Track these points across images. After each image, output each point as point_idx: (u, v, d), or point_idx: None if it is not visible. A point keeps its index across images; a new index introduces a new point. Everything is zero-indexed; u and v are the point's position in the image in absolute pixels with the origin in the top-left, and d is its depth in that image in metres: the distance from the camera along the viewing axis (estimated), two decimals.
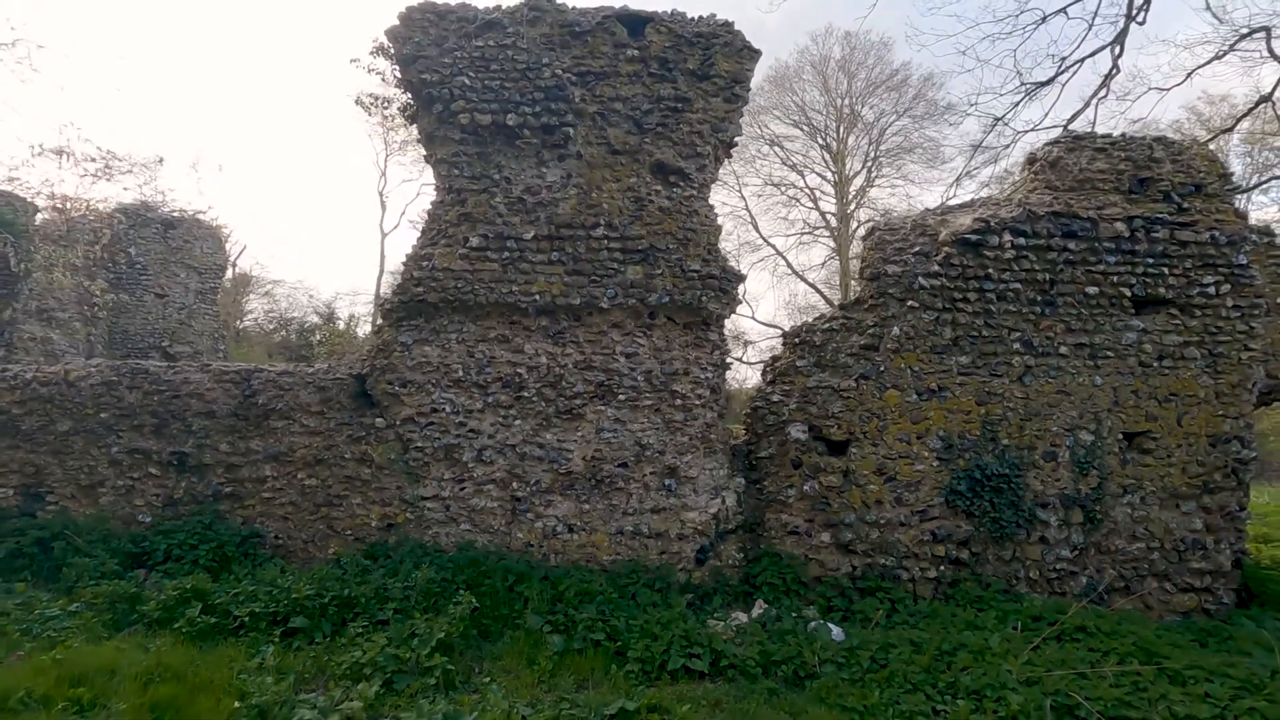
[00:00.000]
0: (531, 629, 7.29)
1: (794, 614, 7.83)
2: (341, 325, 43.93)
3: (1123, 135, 9.06)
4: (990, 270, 8.48)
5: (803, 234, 42.67)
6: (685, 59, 8.58)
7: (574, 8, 8.63)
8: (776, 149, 41.45)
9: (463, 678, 6.54)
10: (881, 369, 8.49)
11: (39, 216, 19.23)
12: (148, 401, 8.32)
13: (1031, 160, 9.28)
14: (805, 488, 8.46)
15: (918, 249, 8.63)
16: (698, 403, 8.53)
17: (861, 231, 39.92)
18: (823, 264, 42.19)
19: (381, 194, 41.63)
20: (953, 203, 9.57)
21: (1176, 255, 8.61)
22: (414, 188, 64.21)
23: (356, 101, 16.92)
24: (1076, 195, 8.78)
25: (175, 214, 19.54)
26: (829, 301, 39.25)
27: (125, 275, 19.11)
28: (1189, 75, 19.71)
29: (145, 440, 8.36)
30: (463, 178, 8.41)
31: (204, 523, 8.20)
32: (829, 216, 41.61)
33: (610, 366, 8.42)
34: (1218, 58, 17.52)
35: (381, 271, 43.54)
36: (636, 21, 8.63)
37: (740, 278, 8.58)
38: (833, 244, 41.16)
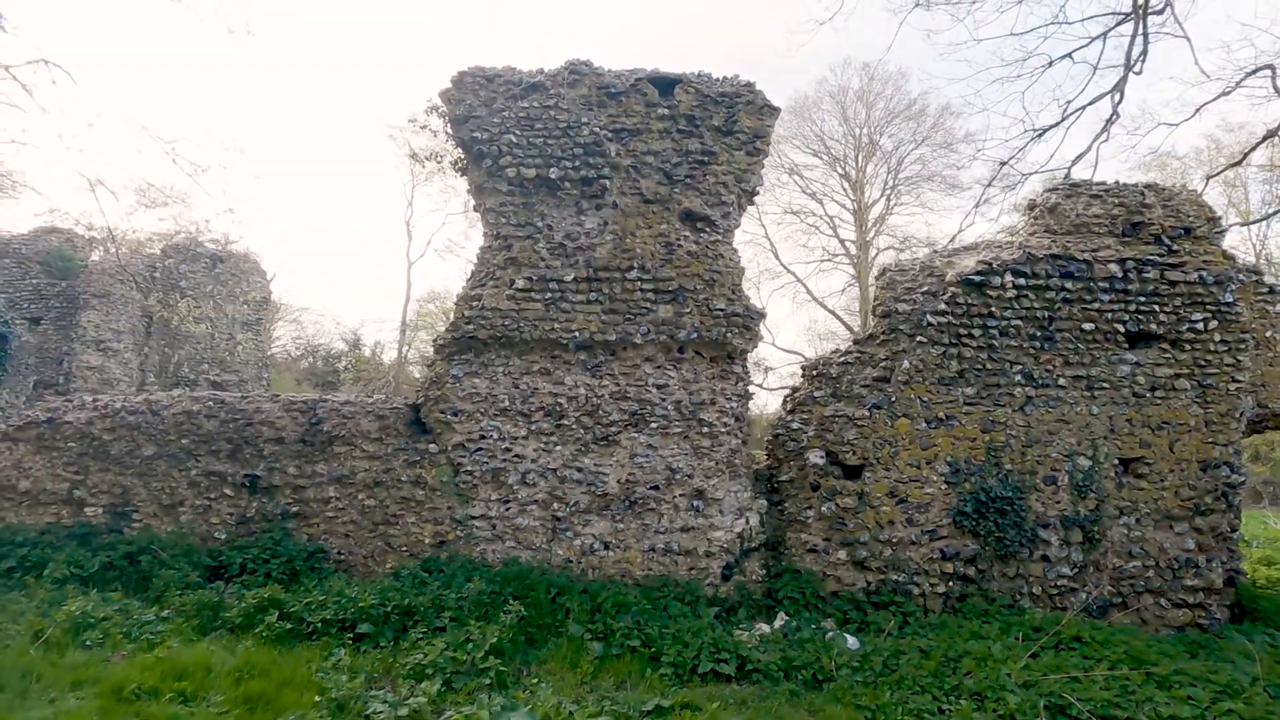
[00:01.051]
0: (573, 636, 8.03)
1: (813, 625, 8.53)
2: (367, 352, 44.86)
3: (1116, 182, 9.79)
4: (993, 308, 9.21)
5: (822, 261, 43.18)
6: (711, 116, 9.42)
7: (610, 70, 9.51)
8: (796, 177, 42.09)
9: (513, 678, 7.27)
10: (893, 399, 9.22)
11: (95, 254, 20.37)
12: (223, 429, 9.19)
13: (1031, 206, 10.03)
14: (823, 509, 9.17)
15: (926, 288, 9.38)
16: (723, 430, 9.29)
17: (881, 259, 40.56)
18: (842, 290, 42.64)
19: (408, 223, 42.84)
20: (958, 245, 10.31)
21: (1167, 294, 9.31)
22: (439, 218, 65.62)
23: (412, 156, 17.83)
24: (1073, 238, 9.51)
25: (222, 249, 20.59)
26: (849, 328, 39.69)
27: (175, 307, 20.12)
28: (1198, 110, 20.40)
29: (221, 464, 9.22)
30: (509, 225, 9.27)
31: (274, 539, 9.02)
32: (848, 244, 42.13)
33: (643, 397, 9.20)
34: (1224, 94, 18.21)
35: (408, 299, 44.32)
36: (666, 83, 9.49)
37: (761, 315, 9.36)
38: (852, 271, 41.58)
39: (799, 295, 44.46)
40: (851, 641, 8.09)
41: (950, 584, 9.04)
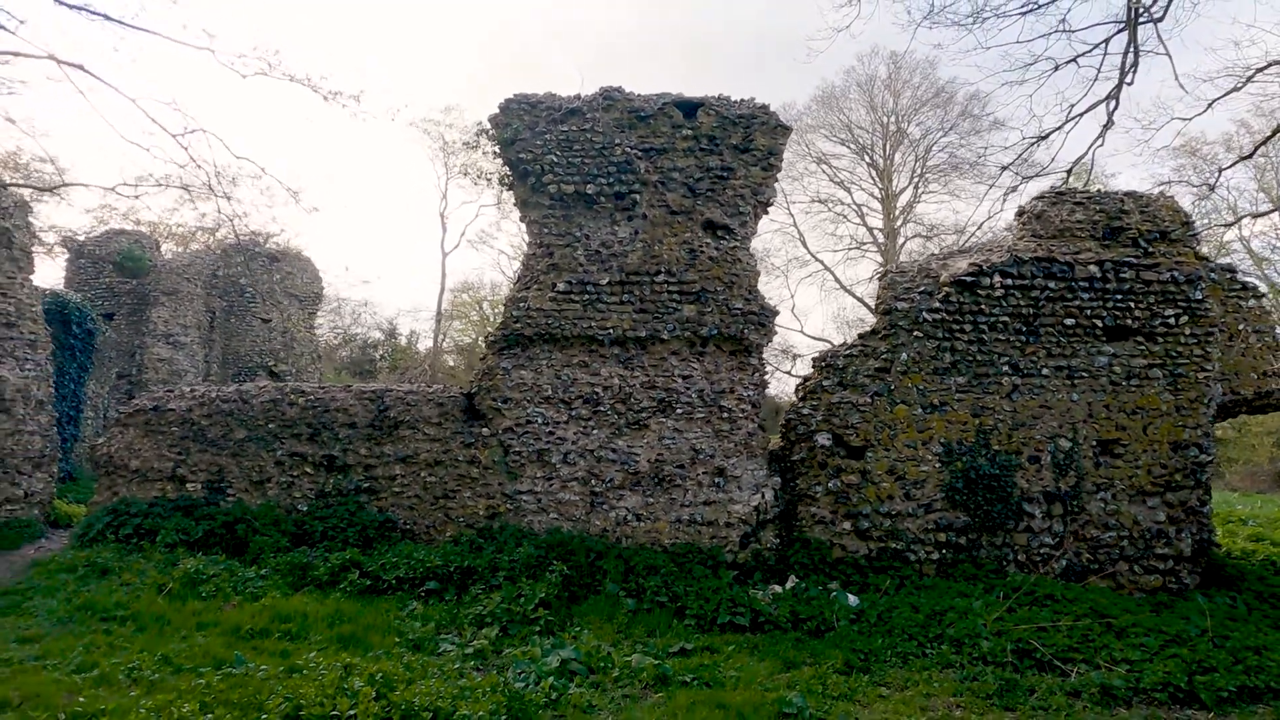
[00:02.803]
0: (610, 593, 9.30)
1: (820, 586, 9.71)
2: (403, 341, 46.24)
3: (1098, 191, 10.83)
4: (983, 306, 10.30)
5: (850, 249, 43.53)
6: (730, 136, 10.58)
7: (639, 95, 10.69)
8: (824, 166, 42.46)
9: (559, 627, 8.54)
10: (892, 388, 10.36)
11: (164, 248, 21.91)
12: (304, 415, 10.55)
13: (1021, 213, 11.09)
14: (830, 485, 10.35)
15: (923, 288, 10.49)
16: (741, 415, 10.49)
17: (910, 246, 41.05)
18: (870, 278, 42.96)
19: (442, 215, 43.95)
20: (953, 249, 11.38)
21: (1142, 292, 10.35)
22: (472, 209, 66.92)
23: (464, 173, 19.02)
24: (1057, 242, 10.58)
25: (279, 249, 22.07)
26: (876, 315, 40.18)
27: (236, 303, 21.65)
28: (1210, 105, 21.12)
29: (302, 446, 10.57)
30: (551, 235, 10.51)
31: (349, 511, 10.37)
32: (876, 232, 42.51)
33: (670, 386, 10.43)
34: (1235, 90, 18.98)
35: (443, 289, 45.25)
36: (690, 106, 10.66)
37: (775, 313, 10.53)
38: (880, 259, 41.91)
39: (827, 283, 45.05)
40: (852, 599, 9.27)
41: (943, 552, 10.18)
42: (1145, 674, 7.42)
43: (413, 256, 74.37)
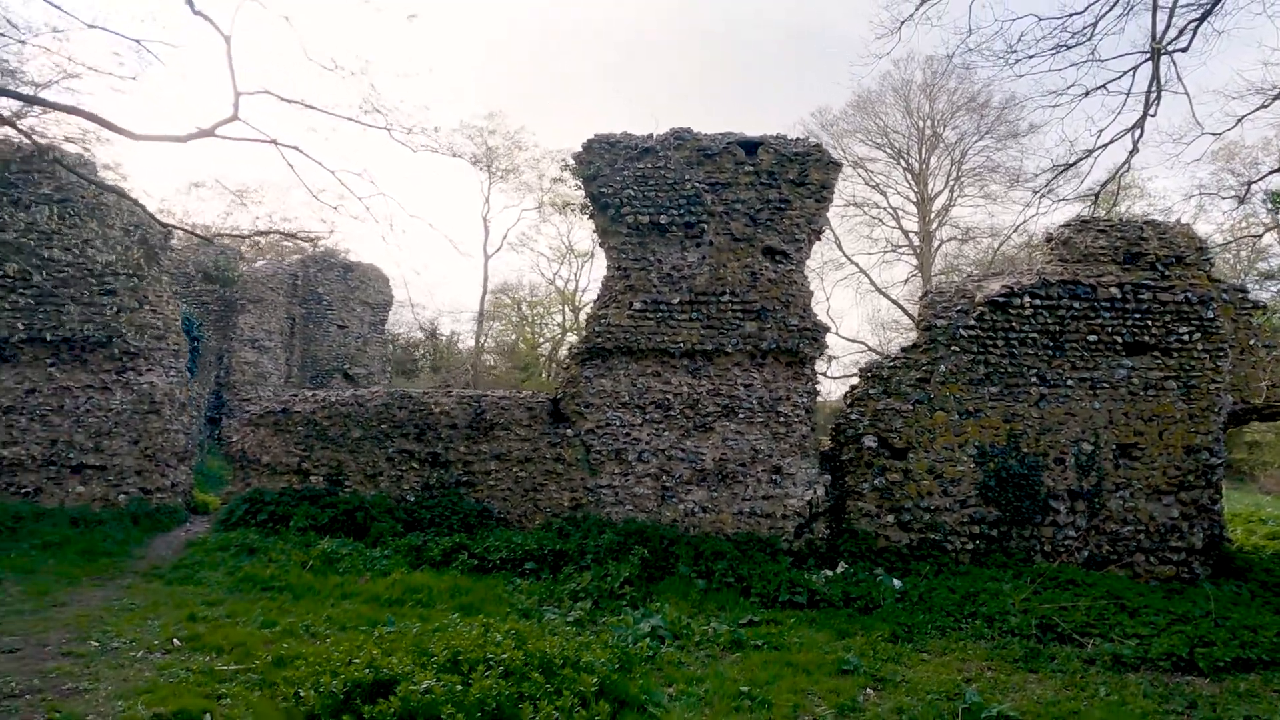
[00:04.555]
0: (683, 574, 10.68)
1: (866, 572, 11.02)
2: (444, 341, 47.69)
3: (1120, 219, 12.02)
4: (1014, 323, 11.55)
5: (886, 252, 43.99)
6: (787, 171, 11.92)
7: (706, 134, 12.06)
8: (860, 170, 42.98)
9: (642, 602, 9.93)
10: (932, 396, 11.64)
11: (244, 265, 23.64)
12: (412, 417, 12.04)
13: (1049, 239, 12.31)
14: (875, 482, 11.65)
15: (959, 307, 11.76)
16: (796, 420, 11.83)
17: (945, 249, 41.66)
18: (905, 281, 43.35)
19: (485, 219, 45.29)
20: (987, 272, 12.61)
21: (1158, 311, 11.54)
22: (514, 213, 68.57)
23: (551, 204, 20.32)
24: (1082, 266, 11.79)
25: (353, 260, 23.72)
26: (912, 318, 40.56)
27: (313, 310, 23.33)
28: (1239, 121, 22.05)
29: (410, 444, 12.08)
30: (628, 260, 11.92)
31: (451, 501, 11.85)
32: (911, 235, 43.05)
33: (733, 394, 11.79)
34: (1263, 106, 19.94)
35: (485, 290, 46.36)
36: (751, 144, 12.01)
37: (826, 329, 11.86)
38: (915, 262, 42.33)
39: (862, 286, 45.65)
40: (896, 582, 10.58)
41: (977, 542, 11.44)
42: (1153, 646, 8.65)
43: (451, 258, 76.21)
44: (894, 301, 42.26)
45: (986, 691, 7.33)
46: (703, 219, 11.83)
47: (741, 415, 11.82)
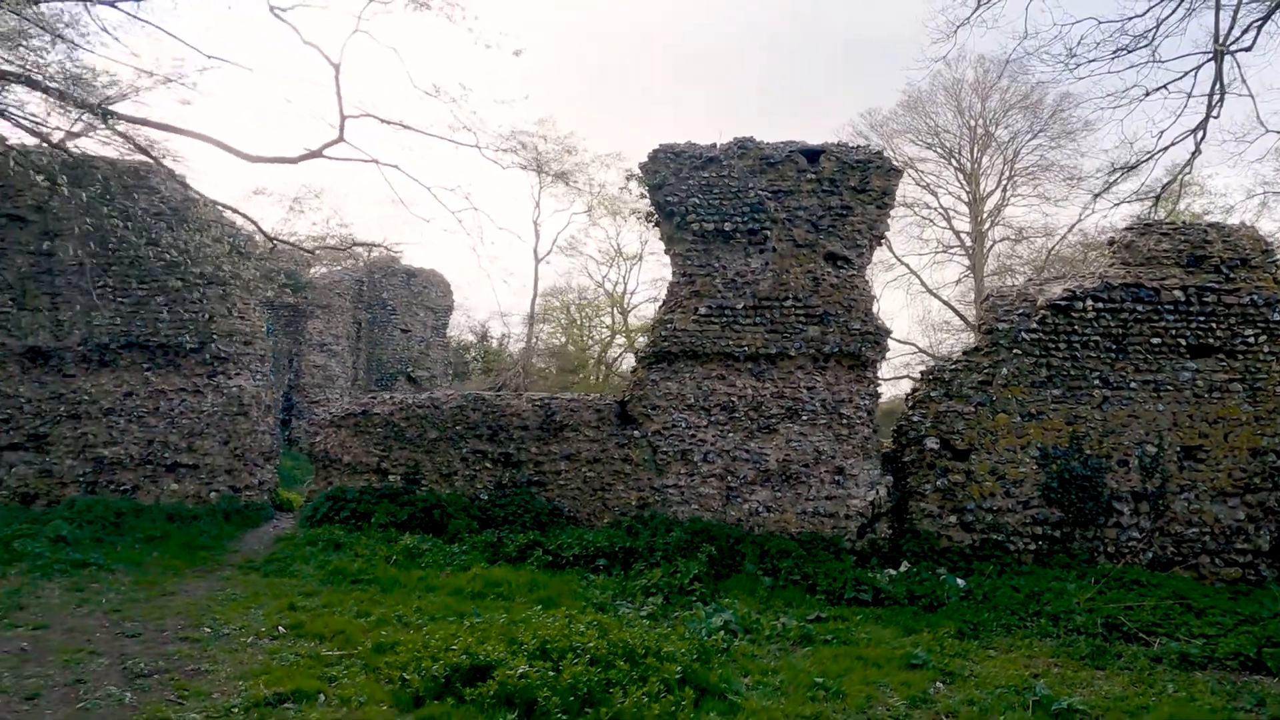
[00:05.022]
0: (749, 572, 11.00)
1: (929, 571, 11.24)
2: (495, 344, 48.38)
3: (1184, 222, 12.08)
4: (1076, 326, 11.67)
5: (937, 253, 43.52)
6: (848, 178, 12.18)
7: (768, 143, 12.36)
8: (910, 170, 42.40)
9: (710, 598, 10.26)
10: (994, 398, 11.81)
11: (313, 270, 24.44)
12: (485, 419, 12.53)
13: (1111, 242, 12.40)
14: (937, 483, 11.85)
15: (1021, 311, 11.91)
16: (858, 422, 12.08)
17: (998, 249, 41.14)
18: (957, 281, 42.79)
19: (535, 223, 45.86)
20: (1048, 276, 12.73)
21: (1223, 314, 11.58)
22: (564, 217, 69.22)
23: (602, 207, 20.78)
24: (1145, 269, 11.87)
25: (415, 266, 24.42)
26: (963, 319, 40.12)
27: (378, 315, 24.07)
28: None
29: (483, 444, 12.57)
30: (693, 266, 12.28)
31: (523, 500, 12.31)
32: (963, 235, 42.58)
33: (796, 396, 12.08)
34: None
35: (535, 293, 46.79)
36: (813, 152, 12.30)
37: (888, 333, 12.10)
38: (967, 262, 41.83)
39: (913, 287, 45.34)
40: (960, 581, 10.78)
41: (1039, 543, 11.59)
42: (1219, 646, 8.76)
43: (500, 261, 77.21)
44: (945, 302, 41.73)
45: (1055, 686, 7.54)
46: (766, 226, 12.14)
47: (805, 417, 12.10)
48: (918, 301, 70.68)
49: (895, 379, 35.93)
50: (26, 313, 12.84)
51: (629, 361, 45.19)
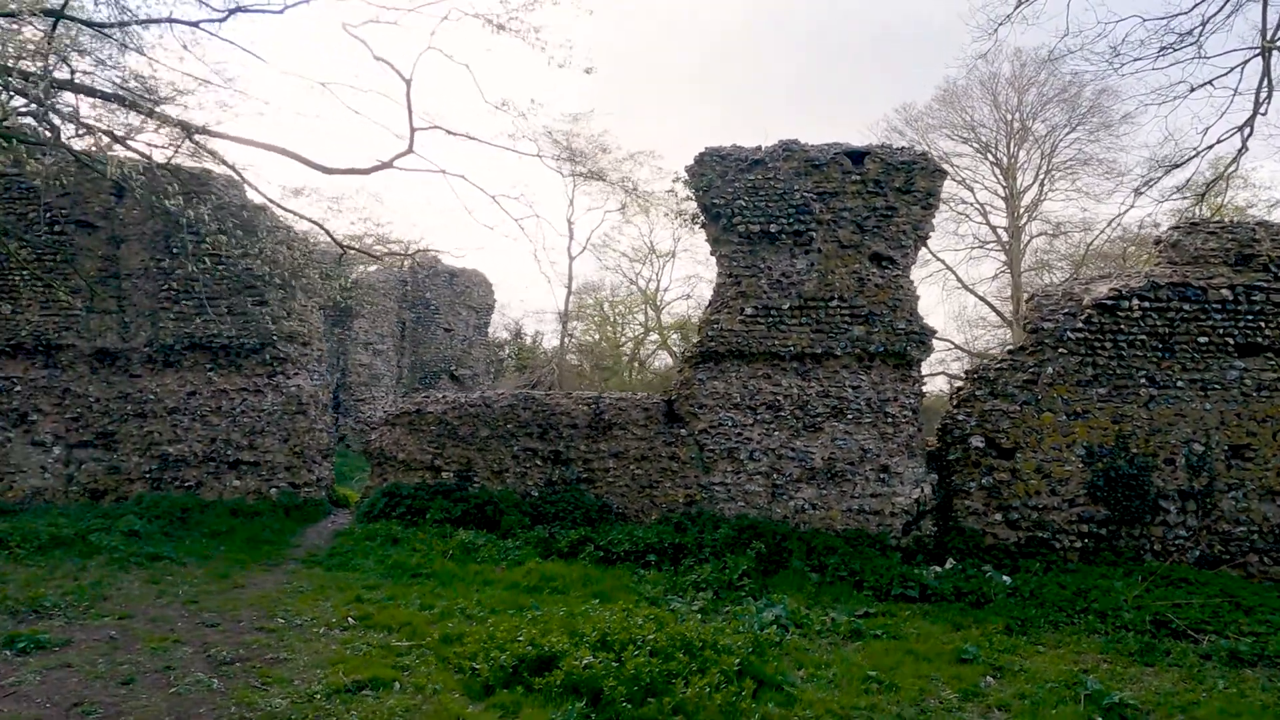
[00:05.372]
0: (796, 568, 11.19)
1: (975, 568, 11.36)
2: (528, 341, 48.83)
3: (1230, 220, 12.06)
4: (1122, 326, 11.72)
5: (973, 248, 43.13)
6: (893, 179, 12.31)
7: (813, 146, 12.53)
8: (945, 165, 41.93)
9: (759, 593, 10.47)
10: (1039, 397, 11.90)
11: (359, 269, 24.86)
12: (535, 417, 12.84)
13: (1157, 242, 12.42)
14: (982, 481, 11.97)
15: (1066, 310, 11.98)
16: (903, 420, 12.22)
17: (1035, 244, 40.67)
18: (994, 277, 42.44)
19: (569, 221, 46.10)
20: (1094, 276, 12.77)
21: (1272, 313, 11.57)
22: (598, 215, 69.61)
23: (666, 214, 21.08)
24: (1191, 268, 11.88)
25: (457, 267, 24.83)
26: (1000, 314, 39.77)
27: (422, 315, 24.50)
28: None
29: (534, 442, 12.88)
30: (739, 267, 12.48)
31: (573, 497, 12.60)
32: (1000, 230, 42.18)
33: (841, 395, 12.25)
34: None
35: (569, 291, 47.12)
36: (858, 154, 12.45)
37: (933, 333, 12.22)
38: (1004, 258, 41.44)
39: (948, 283, 45.03)
40: (1006, 578, 10.90)
41: (1085, 541, 11.66)
42: (1270, 643, 8.81)
43: (529, 259, 77.67)
44: (981, 298, 41.30)
45: (1105, 682, 7.66)
46: (811, 227, 12.32)
47: (850, 416, 12.27)
48: (953, 297, 69.98)
49: (931, 375, 35.76)
50: (95, 315, 13.35)
51: (662, 359, 45.47)
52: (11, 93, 8.59)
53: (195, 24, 10.04)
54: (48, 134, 9.89)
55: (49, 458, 13.41)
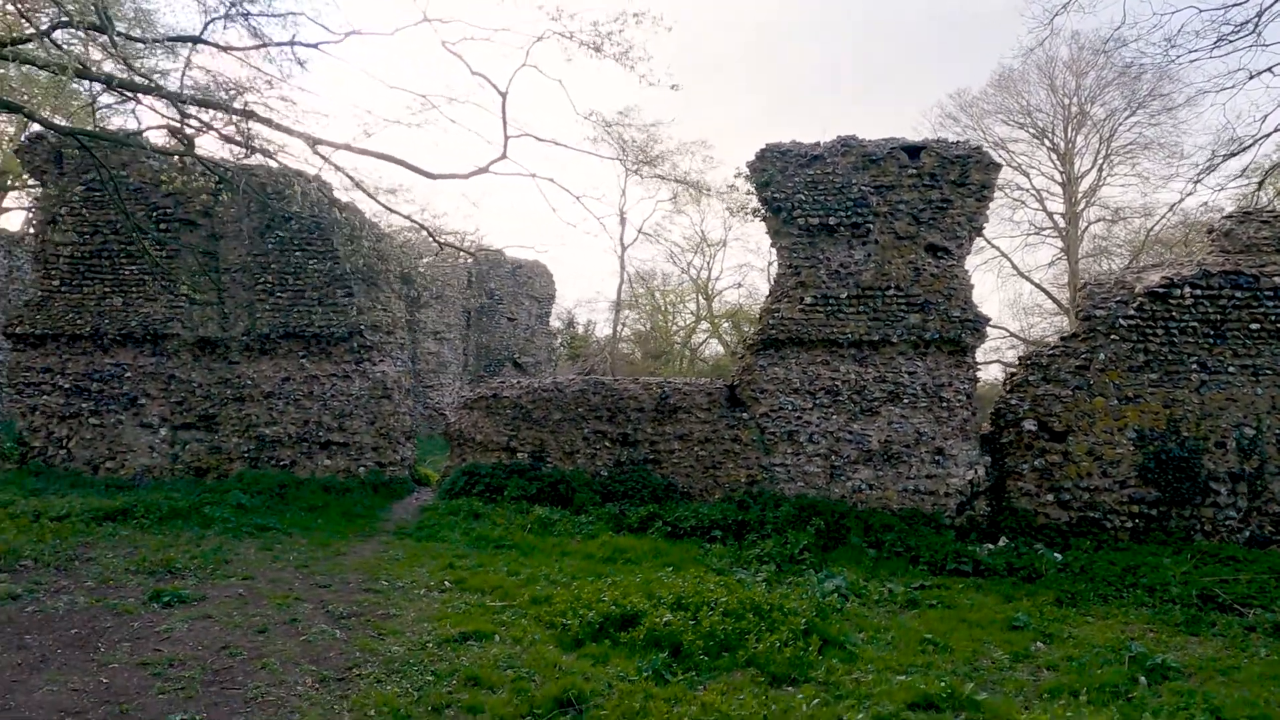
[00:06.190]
0: (854, 544, 11.80)
1: (1026, 546, 11.85)
2: (581, 330, 49.66)
3: None
4: (1174, 313, 12.08)
5: (1028, 235, 42.57)
6: (948, 173, 12.78)
7: (870, 141, 13.05)
8: (1000, 151, 41.38)
9: (819, 567, 11.10)
10: (1091, 382, 12.31)
11: (423, 260, 25.81)
12: (604, 401, 13.60)
13: (1210, 230, 12.72)
14: (1035, 463, 12.43)
15: (1118, 298, 12.36)
16: (957, 405, 12.73)
17: (1093, 230, 40.10)
18: (1050, 264, 41.78)
19: (622, 211, 46.64)
20: (1147, 265, 13.10)
21: None
22: (650, 204, 70.37)
23: (728, 210, 21.71)
24: (1244, 256, 12.18)
25: (520, 258, 25.71)
26: (1056, 302, 39.33)
27: (485, 305, 25.44)
28: None
29: (603, 425, 13.65)
30: (798, 259, 13.08)
31: (639, 477, 13.35)
32: (1056, 217, 41.60)
33: (898, 380, 12.80)
34: None
35: (622, 280, 47.73)
36: (914, 148, 12.94)
37: (987, 320, 12.69)
38: (1060, 244, 40.87)
39: (1003, 270, 44.58)
40: (1057, 555, 11.39)
41: (1135, 521, 12.08)
42: None
43: (590, 251, 78.54)
44: (1037, 285, 40.77)
45: (1149, 646, 8.18)
46: (868, 219, 12.86)
47: (905, 400, 12.81)
48: (1009, 285, 69.18)
49: (986, 363, 35.70)
50: (197, 307, 14.43)
51: (713, 347, 45.99)
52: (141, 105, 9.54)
53: (315, 45, 10.97)
54: (182, 144, 10.89)
55: (156, 438, 14.54)
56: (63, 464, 14.40)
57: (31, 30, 9.14)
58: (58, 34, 9.36)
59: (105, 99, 12.61)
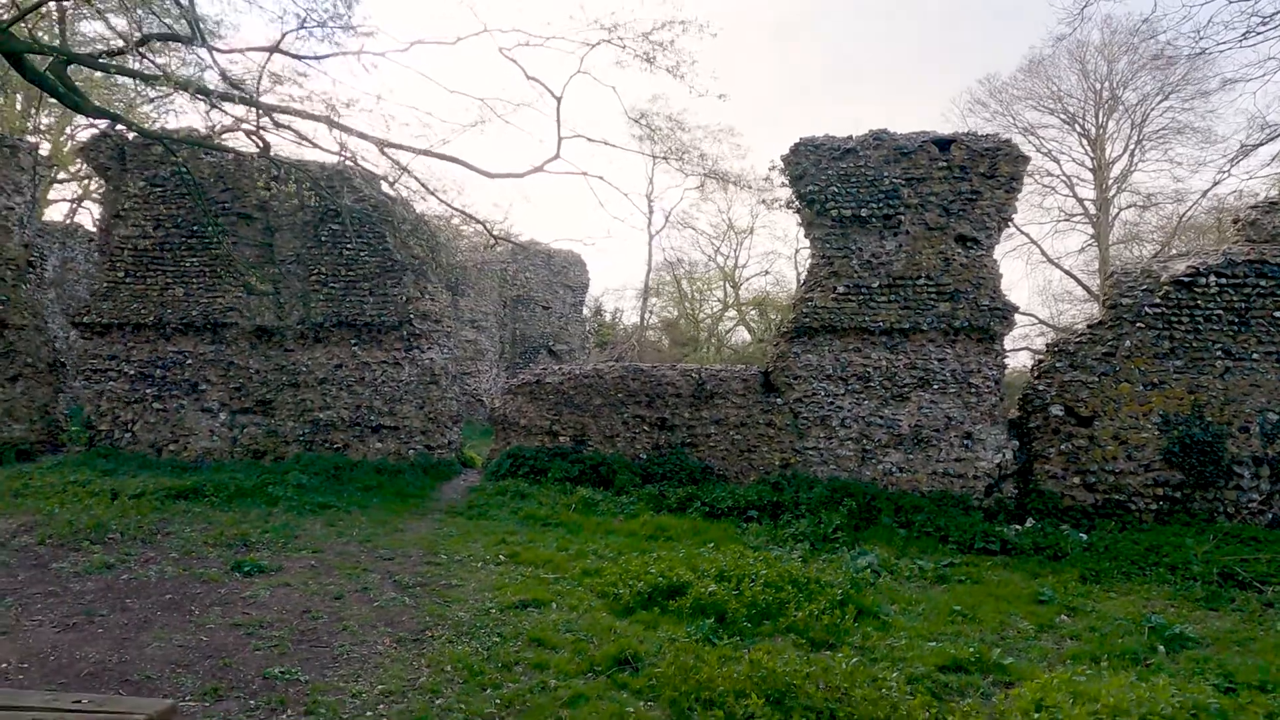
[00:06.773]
0: (885, 524, 12.29)
1: (1053, 527, 12.28)
2: (608, 318, 50.12)
3: None
4: (1199, 301, 12.41)
5: (1058, 221, 42.25)
6: (978, 165, 13.16)
7: (901, 134, 13.45)
8: (1030, 137, 41.03)
9: (851, 546, 11.59)
10: (1117, 369, 12.68)
11: (461, 250, 26.45)
12: (643, 387, 14.16)
13: (1235, 220, 13.01)
14: (1061, 447, 12.84)
15: (1145, 287, 12.71)
16: (986, 390, 13.15)
17: (1124, 216, 39.83)
18: (1080, 250, 41.48)
19: (649, 198, 46.94)
20: (1172, 254, 13.41)
21: None
22: (678, 193, 70.61)
23: (761, 203, 22.13)
24: (1269, 245, 12.47)
25: (554, 248, 26.28)
26: (1086, 289, 39.19)
27: (522, 293, 26.04)
28: None
29: (641, 410, 14.21)
30: (831, 249, 13.53)
31: (677, 460, 13.90)
32: (1087, 203, 41.27)
33: (928, 367, 13.24)
34: None
35: (650, 268, 48.01)
36: (944, 141, 13.32)
37: (1015, 309, 13.09)
38: (1091, 231, 40.53)
39: (1033, 257, 44.28)
40: (1082, 535, 11.81)
41: (1160, 503, 12.46)
42: None
43: (619, 240, 79.01)
44: (1067, 272, 40.50)
45: (1169, 619, 8.62)
46: (899, 211, 13.28)
47: (935, 386, 13.25)
48: (1038, 272, 68.88)
49: (1014, 350, 35.75)
50: (254, 297, 15.13)
51: (740, 334, 46.33)
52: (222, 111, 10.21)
53: (382, 54, 11.58)
54: (259, 145, 11.56)
55: (216, 422, 15.29)
56: (128, 446, 15.18)
57: (121, 44, 9.79)
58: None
59: (149, 93, 13.27)
